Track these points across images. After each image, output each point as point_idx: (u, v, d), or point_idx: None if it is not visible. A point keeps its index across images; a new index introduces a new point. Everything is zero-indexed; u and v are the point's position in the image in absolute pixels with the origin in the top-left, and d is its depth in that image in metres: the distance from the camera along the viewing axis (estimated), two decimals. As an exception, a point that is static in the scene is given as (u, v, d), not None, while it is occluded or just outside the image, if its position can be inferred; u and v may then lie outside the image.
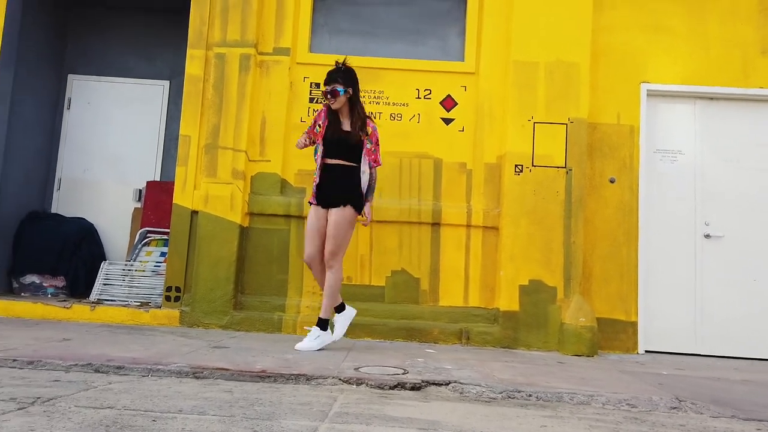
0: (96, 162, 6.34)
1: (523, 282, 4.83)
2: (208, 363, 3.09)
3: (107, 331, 4.22)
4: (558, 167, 4.93)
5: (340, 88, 4.01)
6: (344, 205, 3.96)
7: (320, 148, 4.06)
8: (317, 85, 5.26)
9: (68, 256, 5.72)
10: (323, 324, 3.97)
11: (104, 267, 5.51)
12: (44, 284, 5.67)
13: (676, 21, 5.22)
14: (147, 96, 6.41)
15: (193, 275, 4.94)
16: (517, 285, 4.83)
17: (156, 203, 6.06)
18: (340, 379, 2.93)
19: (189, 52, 5.20)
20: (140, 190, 6.28)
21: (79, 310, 4.92)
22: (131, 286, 5.43)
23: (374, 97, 5.22)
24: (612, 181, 5.08)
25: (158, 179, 6.32)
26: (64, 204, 6.28)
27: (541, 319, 4.79)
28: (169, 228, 5.89)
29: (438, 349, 4.41)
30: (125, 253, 6.14)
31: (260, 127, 5.17)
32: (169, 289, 5.03)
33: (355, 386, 2.88)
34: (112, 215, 6.28)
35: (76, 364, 2.93)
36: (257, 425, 1.98)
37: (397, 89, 5.23)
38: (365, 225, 4.31)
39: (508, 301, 4.82)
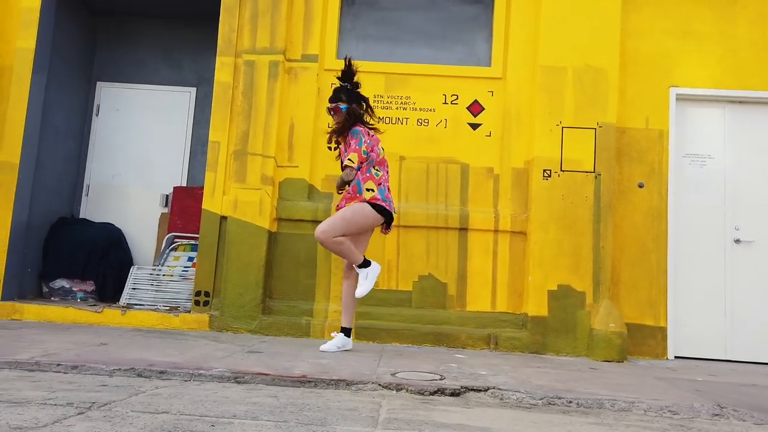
0: (124, 168, 6.42)
1: (551, 287, 4.82)
2: (247, 368, 3.12)
3: (140, 336, 4.27)
4: (587, 172, 4.92)
5: (342, 105, 4.16)
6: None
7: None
8: (344, 91, 5.29)
9: (97, 261, 5.79)
10: (364, 264, 4.09)
11: (133, 272, 5.57)
12: (74, 288, 5.74)
13: (705, 24, 5.19)
14: (174, 102, 6.48)
15: (222, 280, 4.99)
16: (545, 290, 4.82)
17: (183, 208, 6.13)
18: (379, 385, 2.94)
19: (219, 59, 5.26)
20: (167, 196, 6.34)
21: (110, 315, 4.99)
22: (159, 291, 5.48)
23: (401, 102, 5.25)
24: (641, 186, 5.06)
25: (185, 185, 6.38)
26: (92, 209, 6.37)
27: (570, 324, 4.78)
28: (195, 233, 5.99)
29: (468, 354, 4.41)
30: (153, 257, 6.20)
31: (288, 133, 5.21)
32: (198, 293, 5.08)
33: (395, 392, 2.89)
34: (140, 220, 6.35)
35: (119, 369, 2.97)
36: (317, 429, 2.00)
37: (423, 94, 5.25)
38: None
39: (536, 306, 4.81)
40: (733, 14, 5.19)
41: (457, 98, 5.24)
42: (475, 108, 5.24)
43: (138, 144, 6.45)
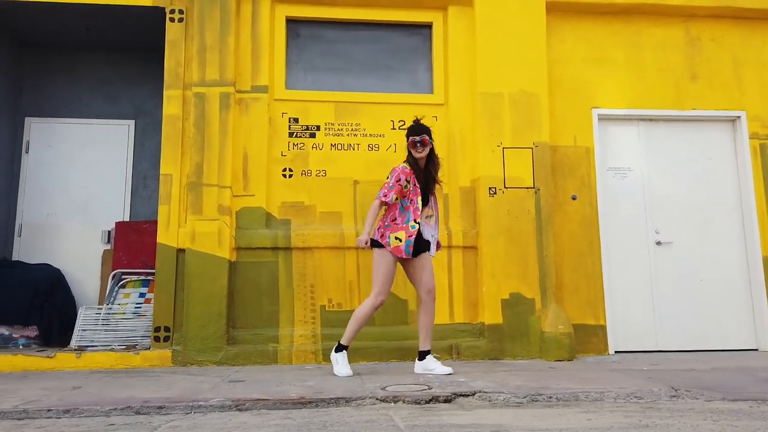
0: (60, 205, 6.17)
1: (504, 296, 5.17)
2: (244, 396, 3.18)
3: (109, 377, 4.16)
4: (527, 188, 5.36)
5: (429, 139, 4.35)
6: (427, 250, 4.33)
7: (418, 201, 4.27)
8: (296, 119, 5.46)
9: (40, 304, 5.52)
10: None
11: (82, 312, 5.36)
12: (14, 335, 5.43)
13: (617, 52, 5.83)
14: (111, 136, 6.33)
15: (183, 314, 4.94)
16: (499, 299, 5.16)
17: (127, 244, 5.98)
18: (377, 399, 3.10)
19: (166, 93, 5.25)
20: (109, 232, 6.16)
21: (63, 359, 4.78)
22: (112, 330, 5.30)
23: (352, 129, 5.47)
24: (574, 198, 5.56)
25: (128, 219, 6.22)
26: (26, 250, 6.06)
27: (523, 329, 5.14)
28: (142, 268, 5.87)
29: (436, 366, 4.63)
30: (97, 297, 5.98)
31: (242, 162, 5.28)
32: (157, 329, 4.98)
33: (393, 404, 3.06)
34: (80, 259, 6.11)
35: (115, 408, 2.94)
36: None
37: (373, 121, 5.50)
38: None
39: (492, 314, 5.14)
40: (640, 44, 5.87)
41: (404, 124, 5.53)
42: (422, 132, 5.54)
43: (74, 180, 6.23)
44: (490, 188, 5.32)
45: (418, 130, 4.38)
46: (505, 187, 5.33)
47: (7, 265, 5.75)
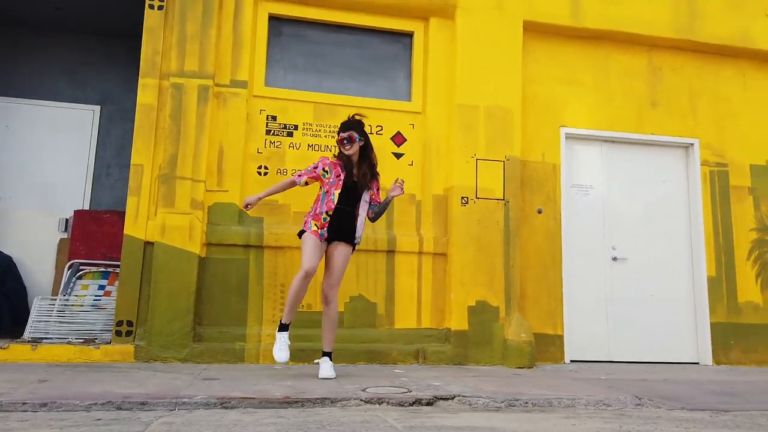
0: (14, 189, 5.89)
1: (471, 303, 5.31)
2: (226, 394, 3.15)
3: (72, 371, 4.01)
4: (498, 199, 5.53)
5: (357, 135, 4.30)
6: (348, 243, 4.30)
7: (334, 193, 4.24)
8: (274, 117, 5.43)
9: (-11, 292, 5.25)
10: (329, 356, 4.21)
11: (36, 302, 5.13)
12: (-40, 324, 5.14)
13: (586, 74, 6.11)
14: (74, 121, 6.10)
15: (148, 308, 4.81)
16: (466, 306, 5.30)
17: (86, 234, 5.77)
18: (362, 400, 3.15)
19: (141, 80, 5.11)
20: (67, 220, 5.92)
21: (17, 351, 4.57)
22: (69, 322, 5.10)
23: (330, 131, 5.48)
24: (540, 212, 5.78)
25: (87, 208, 6.00)
26: (-25, 235, 5.74)
27: (487, 336, 5.30)
28: (101, 259, 5.69)
29: (404, 369, 4.72)
30: (50, 287, 5.74)
31: (218, 157, 5.20)
32: (120, 323, 4.84)
33: (378, 405, 3.12)
34: (33, 247, 5.85)
35: (95, 403, 2.86)
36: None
37: (350, 125, 5.53)
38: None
39: (458, 321, 5.27)
40: (607, 68, 6.17)
41: (382, 129, 5.61)
42: (398, 139, 5.64)
43: (31, 164, 5.96)
44: (462, 197, 5.46)
45: (344, 126, 4.35)
46: (476, 198, 5.49)
47: (-45, 249, 5.44)
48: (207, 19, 5.25)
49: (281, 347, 4.11)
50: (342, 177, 4.28)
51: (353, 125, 4.35)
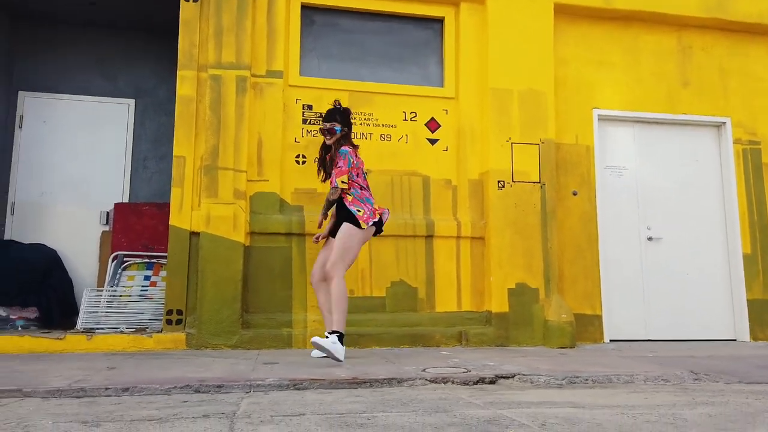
0: (55, 184, 5.98)
1: (510, 285, 5.38)
2: (296, 376, 3.23)
3: (133, 358, 4.11)
4: (534, 182, 5.57)
5: (337, 127, 4.39)
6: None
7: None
8: (309, 107, 5.48)
9: (37, 286, 5.36)
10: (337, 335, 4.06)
11: (86, 294, 5.24)
12: (12, 316, 5.26)
13: (616, 56, 6.11)
14: (110, 115, 6.18)
15: (197, 297, 4.91)
16: (505, 288, 5.37)
17: (127, 226, 5.86)
18: (426, 380, 3.23)
19: (180, 73, 5.17)
20: (108, 213, 6.01)
21: (73, 341, 4.68)
22: (119, 312, 5.21)
23: (365, 118, 5.53)
24: (575, 194, 5.82)
25: (127, 201, 6.09)
26: (19, 230, 5.85)
27: (528, 317, 5.36)
28: (142, 251, 5.78)
29: (450, 351, 4.80)
30: (94, 279, 5.85)
31: (257, 147, 5.27)
32: (170, 312, 4.93)
33: (443, 384, 3.19)
34: (76, 240, 5.95)
35: (174, 387, 2.96)
36: (447, 415, 2.26)
37: (385, 112, 5.59)
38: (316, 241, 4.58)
39: (499, 303, 5.34)
40: (637, 48, 6.17)
41: (416, 115, 5.65)
42: (432, 125, 5.68)
43: (70, 159, 6.05)
44: (498, 181, 5.50)
45: (328, 116, 4.45)
46: (513, 181, 5.53)
47: (2, 245, 5.54)
48: (242, 11, 5.29)
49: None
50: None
51: (335, 115, 4.45)
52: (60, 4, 5.76)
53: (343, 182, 4.28)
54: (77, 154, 6.05)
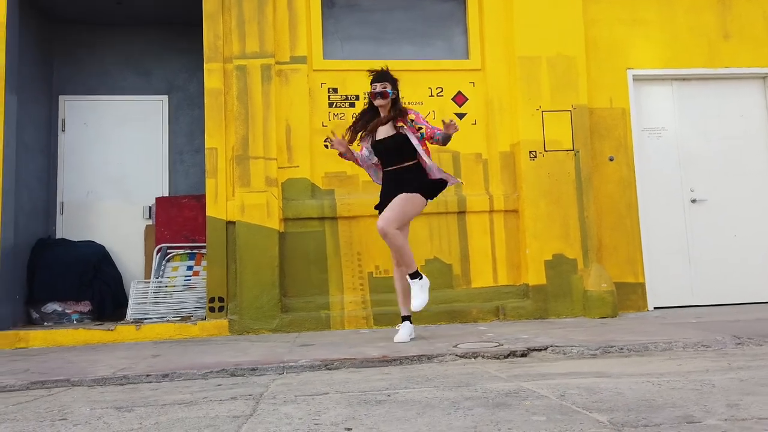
0: (99, 183, 6.23)
1: (547, 257, 5.30)
2: (328, 356, 3.30)
3: (178, 345, 4.29)
4: (567, 150, 5.43)
5: (389, 89, 4.24)
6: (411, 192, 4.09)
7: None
8: (335, 90, 5.50)
9: (89, 280, 5.63)
10: (415, 274, 4.10)
11: (134, 286, 5.47)
12: (67, 311, 5.55)
13: (650, 13, 5.84)
14: (145, 111, 6.36)
15: (236, 284, 5.05)
16: (542, 260, 5.29)
17: (168, 219, 6.06)
18: (456, 355, 3.24)
19: (207, 66, 5.27)
20: (150, 207, 6.23)
21: (123, 331, 4.91)
22: (165, 302, 5.43)
23: (391, 98, 5.49)
24: (611, 159, 5.65)
25: (167, 194, 6.29)
26: (69, 228, 6.13)
27: (566, 289, 5.28)
28: (184, 242, 5.97)
29: (487, 326, 4.79)
30: (141, 271, 6.09)
31: (286, 134, 5.33)
32: (212, 300, 5.10)
33: (474, 359, 3.20)
34: (122, 235, 6.19)
35: (211, 372, 3.07)
36: (469, 389, 2.27)
37: (410, 89, 5.51)
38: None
39: (536, 276, 5.27)
40: (672, 3, 5.88)
41: (442, 91, 5.58)
42: (460, 99, 5.60)
43: (112, 157, 6.27)
44: (530, 152, 5.39)
45: (374, 77, 4.25)
46: (545, 151, 5.41)
47: (54, 243, 5.84)
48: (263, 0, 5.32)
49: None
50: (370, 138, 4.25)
51: (384, 77, 4.24)
52: (89, 6, 5.93)
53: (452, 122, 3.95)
54: (117, 151, 6.27)
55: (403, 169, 4.19)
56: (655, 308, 5.56)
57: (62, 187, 6.18)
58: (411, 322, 4.20)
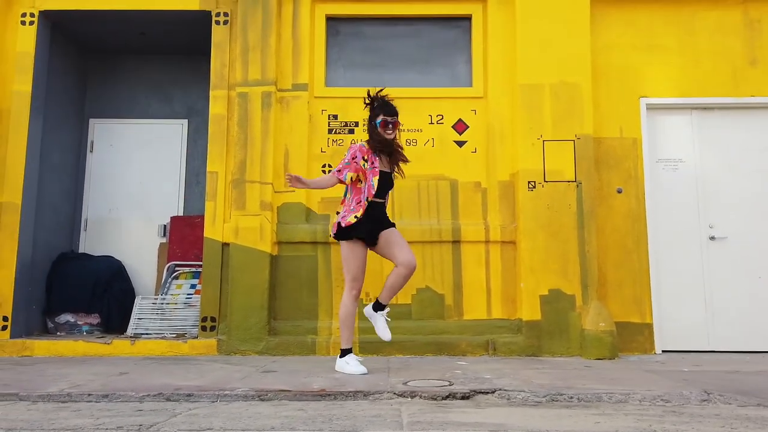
0: (120, 201, 6.57)
1: (543, 292, 5.08)
2: (268, 386, 3.31)
3: (156, 363, 4.43)
4: (569, 181, 5.22)
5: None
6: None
7: (374, 180, 4.10)
8: (335, 116, 5.56)
9: (101, 294, 5.92)
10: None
11: (138, 302, 5.72)
12: (79, 322, 5.86)
13: (668, 38, 5.56)
14: (166, 135, 6.67)
15: (227, 305, 5.17)
16: (537, 295, 5.08)
17: (181, 237, 6.30)
18: (395, 393, 3.16)
19: (212, 93, 5.48)
20: (165, 226, 6.50)
21: (119, 345, 5.13)
22: (165, 319, 5.63)
23: (390, 125, 5.49)
24: (619, 192, 5.37)
25: (182, 214, 6.55)
26: (91, 243, 6.49)
27: (563, 326, 5.04)
28: (194, 260, 6.17)
29: (469, 361, 4.64)
30: (154, 287, 6.35)
31: (284, 159, 5.44)
32: (204, 319, 5.25)
33: (410, 399, 3.11)
34: (138, 251, 6.49)
35: (148, 395, 3.15)
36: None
37: (411, 116, 5.50)
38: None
39: (530, 311, 5.07)
40: (694, 27, 5.57)
41: (443, 118, 5.53)
42: (460, 126, 5.53)
43: (133, 177, 6.61)
44: (529, 182, 5.23)
45: (393, 110, 4.20)
46: (545, 181, 5.23)
47: (73, 257, 6.20)
48: (267, 28, 5.49)
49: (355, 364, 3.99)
50: (377, 165, 4.14)
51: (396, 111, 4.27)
52: (116, 37, 6.32)
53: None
54: (139, 172, 6.61)
55: (384, 205, 4.28)
56: (663, 351, 5.20)
57: (87, 204, 6.56)
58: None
